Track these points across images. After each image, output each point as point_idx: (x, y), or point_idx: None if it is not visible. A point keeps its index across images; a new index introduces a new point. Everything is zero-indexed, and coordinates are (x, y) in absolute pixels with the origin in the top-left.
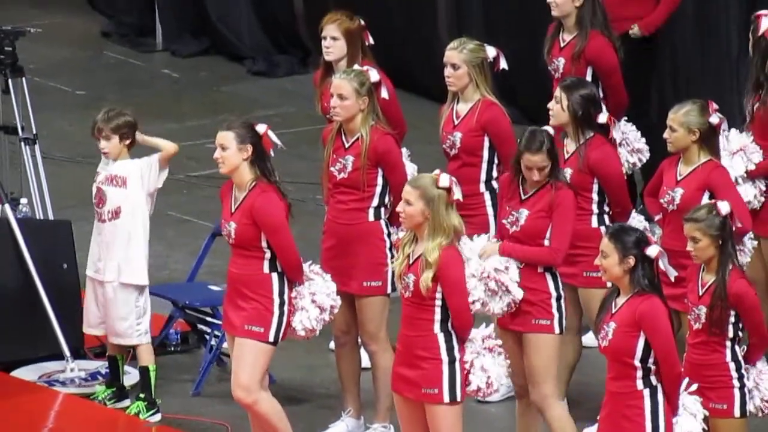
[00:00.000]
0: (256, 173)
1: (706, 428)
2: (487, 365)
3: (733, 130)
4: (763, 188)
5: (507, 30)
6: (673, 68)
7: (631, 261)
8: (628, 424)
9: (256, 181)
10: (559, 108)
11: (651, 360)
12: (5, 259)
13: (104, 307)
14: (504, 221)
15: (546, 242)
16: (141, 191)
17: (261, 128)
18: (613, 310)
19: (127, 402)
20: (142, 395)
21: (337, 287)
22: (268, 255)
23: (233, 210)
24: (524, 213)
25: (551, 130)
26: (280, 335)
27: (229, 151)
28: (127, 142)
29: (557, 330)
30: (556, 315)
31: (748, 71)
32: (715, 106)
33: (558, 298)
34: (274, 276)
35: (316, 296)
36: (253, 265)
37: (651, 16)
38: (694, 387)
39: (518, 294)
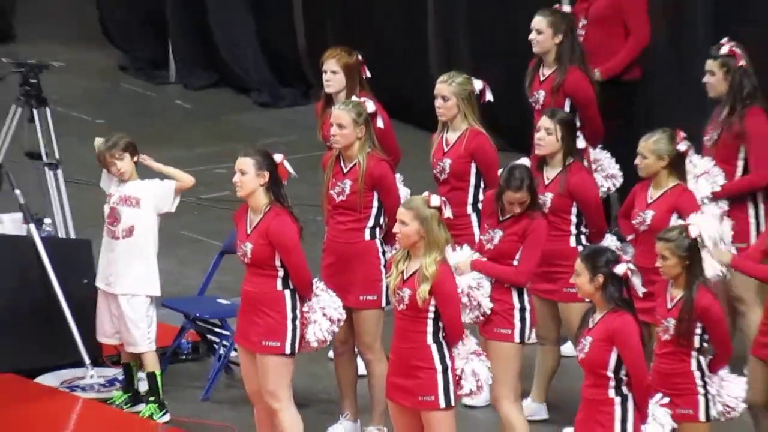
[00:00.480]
0: (270, 198)
1: None
2: (477, 369)
3: (695, 155)
4: (726, 208)
5: (491, 65)
6: (649, 104)
7: (601, 279)
8: (600, 428)
9: (271, 205)
10: (552, 139)
11: (623, 372)
12: (30, 274)
13: (118, 319)
14: (482, 237)
15: (515, 262)
16: (153, 211)
17: (278, 157)
18: (590, 325)
19: (141, 406)
20: (152, 398)
21: None
22: (281, 273)
23: (249, 231)
24: (498, 234)
25: (528, 163)
26: (296, 346)
27: (248, 176)
28: (135, 158)
29: (517, 339)
30: (518, 325)
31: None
32: (682, 134)
33: (521, 310)
34: (287, 293)
35: (326, 310)
36: (268, 283)
37: (610, 63)
38: (666, 400)
39: (488, 308)
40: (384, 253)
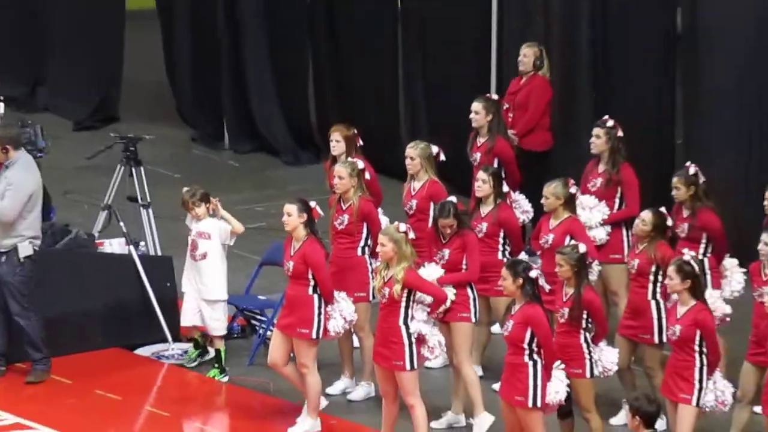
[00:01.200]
0: (307, 231)
1: (569, 390)
2: (441, 340)
3: (583, 195)
4: (609, 230)
5: (444, 135)
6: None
7: (520, 281)
8: (519, 383)
9: (308, 236)
10: (487, 186)
11: (534, 344)
12: (130, 280)
13: (201, 313)
14: (435, 258)
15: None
16: (219, 241)
17: (312, 203)
18: (512, 312)
19: (207, 357)
20: (216, 365)
21: None
22: (311, 283)
23: (292, 254)
24: (446, 251)
25: (455, 200)
26: (320, 334)
27: (292, 217)
28: (208, 205)
29: (473, 320)
30: (472, 310)
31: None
32: (572, 181)
33: (474, 300)
34: (315, 297)
35: (343, 312)
36: (302, 290)
37: (519, 127)
38: (563, 366)
39: (449, 303)
40: (371, 264)
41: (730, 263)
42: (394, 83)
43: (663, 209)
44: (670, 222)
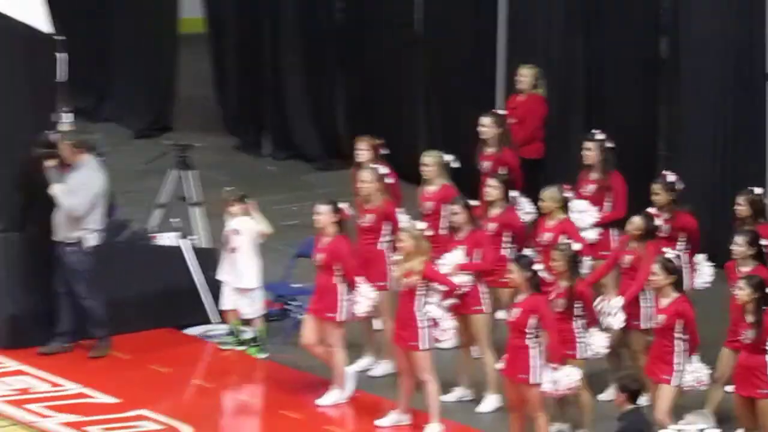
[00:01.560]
0: (336, 228)
1: None
2: (449, 324)
3: (576, 200)
4: (600, 231)
5: (457, 145)
6: (547, 170)
7: (526, 274)
8: (522, 363)
9: (336, 233)
10: (497, 192)
11: (534, 329)
12: (181, 269)
13: (239, 300)
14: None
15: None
16: (249, 238)
17: (342, 205)
18: (517, 301)
19: (242, 348)
20: (255, 344)
21: None
22: (338, 273)
23: (322, 247)
24: (461, 248)
25: (472, 202)
26: (345, 316)
27: (325, 216)
28: (244, 206)
29: (486, 311)
30: (485, 302)
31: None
32: (566, 186)
33: (485, 293)
34: (340, 285)
35: (364, 293)
36: (330, 279)
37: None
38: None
39: (464, 289)
40: (391, 257)
41: (700, 258)
42: (414, 99)
43: (653, 210)
44: (658, 222)
